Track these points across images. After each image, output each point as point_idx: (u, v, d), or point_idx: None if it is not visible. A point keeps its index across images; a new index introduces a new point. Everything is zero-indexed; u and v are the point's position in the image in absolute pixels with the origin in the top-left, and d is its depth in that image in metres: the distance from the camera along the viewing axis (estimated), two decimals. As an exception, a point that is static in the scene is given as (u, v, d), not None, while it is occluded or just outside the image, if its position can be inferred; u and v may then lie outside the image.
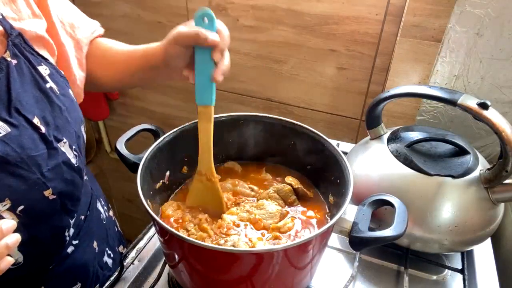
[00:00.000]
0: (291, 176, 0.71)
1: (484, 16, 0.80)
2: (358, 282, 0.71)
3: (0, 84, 0.51)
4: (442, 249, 0.68)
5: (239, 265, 0.52)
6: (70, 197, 0.61)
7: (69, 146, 0.59)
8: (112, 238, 0.83)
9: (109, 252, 0.81)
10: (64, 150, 0.58)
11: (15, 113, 0.52)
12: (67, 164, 0.58)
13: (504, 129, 0.60)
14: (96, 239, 0.75)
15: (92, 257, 0.73)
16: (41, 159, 0.53)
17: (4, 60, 0.52)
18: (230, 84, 1.24)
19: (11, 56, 0.53)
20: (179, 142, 0.68)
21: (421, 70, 0.90)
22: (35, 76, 0.56)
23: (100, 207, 0.81)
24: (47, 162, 0.55)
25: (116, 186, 1.85)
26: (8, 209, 0.51)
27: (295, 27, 1.06)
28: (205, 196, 0.66)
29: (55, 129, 0.56)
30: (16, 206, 0.51)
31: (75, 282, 0.70)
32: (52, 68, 0.59)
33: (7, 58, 0.53)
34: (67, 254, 0.67)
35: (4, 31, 0.53)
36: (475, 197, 0.66)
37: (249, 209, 0.65)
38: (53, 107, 0.57)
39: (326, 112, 1.17)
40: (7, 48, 0.53)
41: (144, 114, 1.51)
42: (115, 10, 1.28)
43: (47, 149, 0.55)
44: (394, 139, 0.74)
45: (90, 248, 0.73)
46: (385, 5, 0.94)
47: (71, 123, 0.60)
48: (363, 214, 0.56)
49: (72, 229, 0.65)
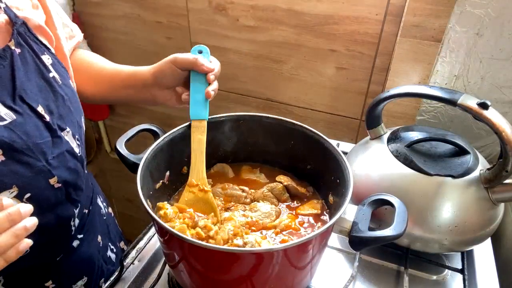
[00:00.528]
0: (282, 175, 0.72)
1: (484, 16, 0.80)
2: (358, 282, 0.71)
3: (4, 72, 0.52)
4: (442, 249, 0.69)
5: (239, 265, 0.52)
6: (74, 186, 0.62)
7: (72, 135, 0.60)
8: (113, 233, 0.85)
9: (112, 247, 0.82)
10: (68, 139, 0.59)
11: (19, 101, 0.52)
12: (71, 153, 0.60)
13: (504, 129, 0.60)
14: (100, 234, 0.76)
15: (97, 251, 0.74)
16: (46, 146, 0.54)
17: (8, 48, 0.53)
18: (230, 84, 1.24)
19: (15, 45, 0.54)
20: (179, 142, 0.68)
21: (421, 70, 0.90)
22: (38, 65, 0.57)
23: (100, 202, 0.82)
24: (52, 150, 0.56)
25: (116, 186, 1.85)
26: (15, 196, 0.51)
27: (295, 27, 1.06)
28: (197, 207, 0.65)
29: (59, 118, 0.57)
30: (23, 193, 0.52)
31: (81, 275, 0.71)
32: (54, 58, 0.61)
33: (12, 46, 0.53)
34: (73, 247, 0.68)
35: (9, 19, 0.54)
36: (475, 197, 0.66)
37: (244, 213, 0.65)
38: (56, 96, 0.58)
39: (326, 112, 1.17)
40: (12, 36, 0.54)
41: (144, 114, 1.51)
42: (115, 10, 1.28)
43: (51, 137, 0.56)
44: (394, 139, 0.74)
45: (94, 242, 0.74)
46: (385, 5, 0.94)
47: (73, 113, 0.61)
48: (363, 214, 0.56)
49: (77, 220, 0.66)
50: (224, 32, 1.15)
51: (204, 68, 0.66)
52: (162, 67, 0.69)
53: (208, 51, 0.69)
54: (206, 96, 0.66)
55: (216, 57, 0.71)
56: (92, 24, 1.35)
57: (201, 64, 0.65)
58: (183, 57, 0.66)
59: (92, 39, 1.38)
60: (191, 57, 0.66)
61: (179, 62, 0.67)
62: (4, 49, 0.52)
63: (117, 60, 0.80)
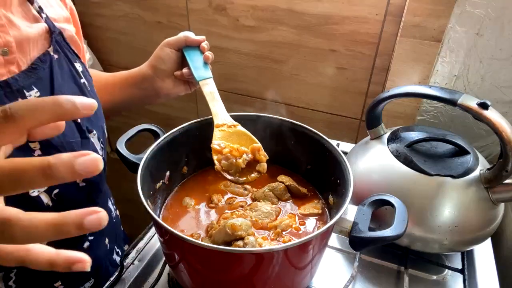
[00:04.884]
0: (284, 175, 0.72)
1: (484, 16, 0.80)
2: (358, 282, 0.71)
3: (45, 74, 0.57)
4: (442, 249, 0.69)
5: (239, 265, 0.52)
6: (95, 187, 0.66)
7: (98, 138, 0.65)
8: (119, 236, 0.86)
9: (117, 250, 0.83)
10: (94, 141, 0.64)
11: None
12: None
13: (504, 129, 0.60)
14: (107, 236, 0.77)
15: (104, 254, 0.75)
16: (76, 146, 0.59)
17: (48, 54, 0.59)
18: (230, 84, 1.24)
19: (54, 51, 0.60)
20: (179, 142, 0.68)
21: (421, 70, 0.90)
22: (72, 71, 0.63)
23: (111, 205, 0.83)
24: (81, 149, 0.57)
25: (116, 186, 1.84)
26: (45, 191, 0.55)
27: (295, 27, 1.06)
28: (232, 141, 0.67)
29: (88, 121, 0.63)
30: (53, 188, 0.56)
31: (89, 278, 0.72)
32: (83, 66, 0.66)
33: (51, 52, 0.59)
34: (83, 249, 0.68)
35: (48, 28, 0.60)
36: (475, 197, 0.66)
37: (244, 213, 0.66)
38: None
39: (326, 112, 1.17)
40: (51, 43, 0.59)
41: (144, 114, 1.51)
42: (115, 10, 1.28)
43: (81, 138, 0.61)
44: (394, 139, 0.74)
45: (102, 245, 0.75)
46: (385, 5, 0.94)
47: (99, 118, 0.67)
48: (363, 214, 0.56)
49: None
50: (224, 32, 1.15)
51: (196, 40, 0.73)
52: (157, 54, 0.75)
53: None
54: (205, 59, 0.73)
55: (216, 57, 0.74)
56: (92, 24, 1.35)
57: (192, 39, 0.74)
58: (174, 38, 0.74)
59: (92, 39, 1.38)
60: (182, 35, 0.74)
61: (172, 43, 0.74)
62: (45, 54, 0.58)
63: (117, 60, 0.81)
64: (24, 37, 0.55)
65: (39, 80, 0.56)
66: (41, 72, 0.56)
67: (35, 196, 0.54)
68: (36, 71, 0.56)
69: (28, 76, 0.55)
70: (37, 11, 0.59)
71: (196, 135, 0.70)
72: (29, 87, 0.54)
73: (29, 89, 0.54)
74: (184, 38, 0.74)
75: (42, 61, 0.57)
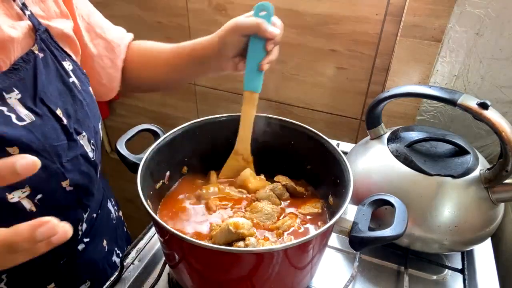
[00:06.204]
0: (280, 175, 0.72)
1: (484, 16, 0.80)
2: (358, 282, 0.71)
3: (27, 75, 0.54)
4: (442, 249, 0.69)
5: (239, 265, 0.52)
6: (85, 191, 0.63)
7: (88, 140, 0.61)
8: (120, 238, 0.85)
9: (118, 251, 0.82)
10: (83, 143, 0.60)
11: (39, 103, 0.54)
12: (85, 157, 0.60)
13: (504, 129, 0.60)
14: (106, 238, 0.76)
15: (102, 256, 0.74)
16: (61, 149, 0.56)
17: (32, 52, 0.55)
18: (230, 84, 1.24)
19: (39, 50, 0.56)
20: (179, 142, 0.68)
21: (421, 70, 0.90)
22: (59, 70, 0.59)
23: (111, 206, 0.82)
24: (67, 153, 0.57)
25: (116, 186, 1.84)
26: (27, 196, 0.52)
27: (295, 27, 1.06)
28: (238, 173, 0.70)
29: (76, 122, 0.59)
30: (35, 194, 0.53)
31: (84, 280, 0.71)
32: (74, 65, 0.63)
33: (35, 51, 0.56)
34: (77, 251, 0.67)
35: (32, 26, 0.56)
36: (475, 197, 0.66)
37: (245, 215, 0.65)
38: (75, 100, 0.59)
39: (326, 112, 1.17)
40: (35, 42, 0.56)
41: (144, 114, 1.51)
42: (115, 10, 1.28)
43: (67, 140, 0.57)
44: (394, 139, 0.74)
45: (100, 246, 0.74)
46: (385, 5, 0.94)
47: (91, 118, 0.63)
48: (363, 214, 0.56)
49: (85, 224, 0.66)
50: (224, 32, 1.15)
51: (267, 34, 0.63)
52: (224, 38, 0.67)
53: (272, 11, 0.65)
54: (260, 69, 0.65)
55: (216, 58, 0.70)
56: (92, 24, 1.35)
57: (264, 30, 0.62)
58: (245, 22, 0.64)
59: (92, 39, 1.38)
60: (254, 22, 0.63)
61: (241, 29, 0.64)
62: (28, 53, 0.54)
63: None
64: (6, 37, 0.51)
65: (20, 81, 0.52)
66: (24, 73, 0.53)
67: (16, 202, 0.51)
68: (18, 71, 0.52)
69: (9, 77, 0.51)
70: (20, 8, 0.55)
71: (196, 135, 0.70)
72: (9, 88, 0.51)
73: (10, 91, 0.51)
74: (257, 26, 0.63)
75: (25, 61, 0.54)
